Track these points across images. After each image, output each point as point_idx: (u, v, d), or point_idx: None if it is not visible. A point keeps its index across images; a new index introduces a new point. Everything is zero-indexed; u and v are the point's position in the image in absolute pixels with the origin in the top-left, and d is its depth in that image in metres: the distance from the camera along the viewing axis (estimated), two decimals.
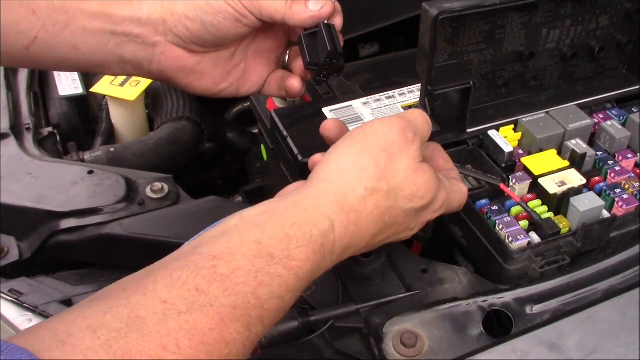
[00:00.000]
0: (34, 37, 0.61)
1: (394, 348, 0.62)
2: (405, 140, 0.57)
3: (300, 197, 0.53)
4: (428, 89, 0.75)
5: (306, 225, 0.51)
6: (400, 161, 0.57)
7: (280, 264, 0.49)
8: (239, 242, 0.49)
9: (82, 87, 1.16)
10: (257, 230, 0.50)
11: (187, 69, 0.67)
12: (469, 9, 0.71)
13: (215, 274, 0.47)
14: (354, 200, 0.54)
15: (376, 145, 0.56)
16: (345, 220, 0.54)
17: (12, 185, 0.87)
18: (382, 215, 0.56)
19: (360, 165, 0.55)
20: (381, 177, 0.56)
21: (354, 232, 0.55)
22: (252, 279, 0.47)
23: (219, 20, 0.63)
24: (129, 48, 0.65)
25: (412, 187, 0.57)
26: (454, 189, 0.64)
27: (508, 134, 0.80)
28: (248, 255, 0.48)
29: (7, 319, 0.73)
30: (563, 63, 0.87)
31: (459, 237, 0.77)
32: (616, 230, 0.73)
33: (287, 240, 0.50)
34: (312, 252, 0.51)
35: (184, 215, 0.86)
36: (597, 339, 0.61)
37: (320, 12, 0.64)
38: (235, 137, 1.25)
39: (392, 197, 0.56)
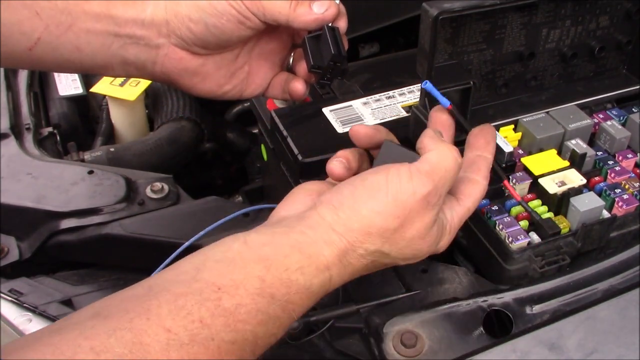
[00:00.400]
0: (37, 39, 0.61)
1: (394, 348, 0.62)
2: (427, 207, 0.56)
3: (305, 240, 0.53)
4: None
5: (309, 273, 0.52)
6: (412, 229, 0.56)
7: (279, 306, 0.50)
8: (243, 275, 0.50)
9: (82, 87, 1.16)
10: (261, 265, 0.51)
11: (191, 70, 0.67)
12: (469, 9, 0.71)
13: (219, 307, 0.47)
14: (352, 257, 0.55)
15: (392, 212, 0.54)
16: (342, 272, 0.55)
17: (12, 185, 0.87)
18: (377, 267, 0.58)
19: (369, 229, 0.54)
20: (385, 242, 0.55)
21: (346, 280, 0.57)
22: (253, 317, 0.49)
23: (222, 23, 0.63)
24: (132, 50, 0.64)
25: (414, 251, 0.57)
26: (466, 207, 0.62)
27: (508, 134, 0.80)
28: (252, 292, 0.49)
29: (7, 319, 0.73)
30: (563, 63, 0.87)
31: (459, 237, 0.77)
32: (616, 230, 0.73)
33: (289, 284, 0.51)
34: (307, 298, 0.53)
35: (184, 215, 0.86)
36: (597, 339, 0.61)
37: (324, 15, 0.64)
38: (235, 137, 1.25)
39: (391, 257, 0.57)
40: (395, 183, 0.55)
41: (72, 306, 0.76)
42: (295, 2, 0.64)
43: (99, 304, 0.48)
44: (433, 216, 0.57)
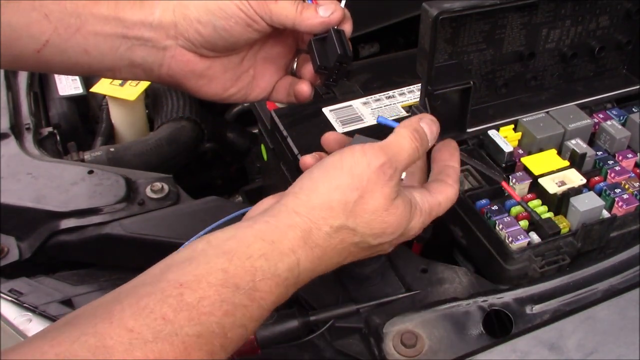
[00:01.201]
0: (45, 41, 0.61)
1: (394, 348, 0.62)
2: (383, 177, 0.56)
3: (268, 228, 0.54)
4: (428, 89, 0.75)
5: (272, 258, 0.52)
6: (373, 200, 0.56)
7: (245, 295, 0.50)
8: (206, 270, 0.50)
9: (82, 87, 1.16)
10: (224, 258, 0.51)
11: (197, 73, 0.67)
12: (469, 9, 0.71)
13: (182, 302, 0.48)
14: (318, 237, 0.55)
15: (349, 184, 0.56)
16: (310, 255, 0.54)
17: (12, 185, 0.87)
18: (348, 248, 0.57)
19: (329, 204, 0.55)
20: (349, 215, 0.55)
21: (318, 264, 0.56)
22: (218, 308, 0.48)
23: (230, 25, 0.63)
24: (140, 52, 0.65)
25: (381, 225, 0.57)
26: (437, 200, 0.63)
27: (508, 134, 0.80)
28: (214, 284, 0.49)
29: (7, 319, 0.73)
30: (563, 63, 0.87)
31: (459, 237, 0.77)
32: (616, 230, 0.73)
33: (253, 272, 0.51)
34: (276, 285, 0.52)
35: (184, 215, 0.86)
36: (597, 339, 0.61)
37: (330, 18, 0.65)
38: (235, 137, 1.25)
39: (359, 234, 0.56)
40: (349, 159, 0.57)
41: (72, 306, 0.76)
42: (302, 5, 0.64)
43: (71, 314, 0.49)
44: (392, 187, 0.57)
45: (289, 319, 0.65)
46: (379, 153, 0.57)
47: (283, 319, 0.65)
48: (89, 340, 0.44)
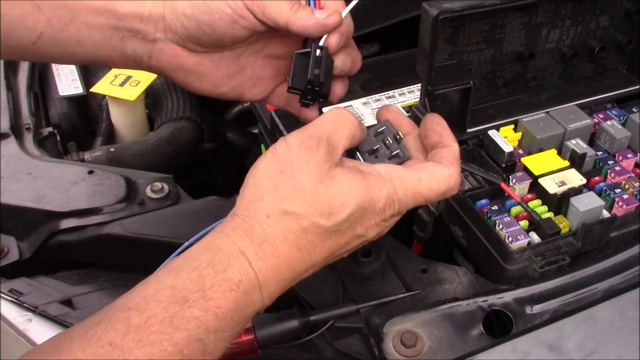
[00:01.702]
0: (40, 33, 0.61)
1: (394, 348, 0.62)
2: (306, 151, 0.53)
3: (214, 237, 0.53)
4: (428, 89, 0.75)
5: (219, 264, 0.50)
6: (301, 175, 0.53)
7: (195, 306, 0.48)
8: (154, 289, 0.49)
9: (82, 87, 1.16)
10: (171, 275, 0.50)
11: (186, 68, 0.66)
12: (469, 9, 0.71)
13: (129, 325, 0.46)
14: (261, 231, 0.52)
15: (273, 168, 0.54)
16: (259, 252, 0.52)
17: (12, 185, 0.87)
18: (301, 238, 0.53)
19: (260, 193, 0.53)
20: (282, 199, 0.52)
21: (277, 262, 0.52)
22: (167, 325, 0.47)
23: (213, 21, 0.61)
24: (130, 43, 0.64)
25: (323, 199, 0.53)
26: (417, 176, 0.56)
27: (508, 134, 0.81)
28: (162, 302, 0.48)
29: (7, 319, 0.73)
30: (563, 63, 0.87)
31: (459, 237, 0.77)
32: (616, 230, 0.73)
33: (201, 281, 0.49)
34: (229, 290, 0.50)
35: (184, 215, 0.86)
36: (597, 339, 0.61)
37: (325, 21, 0.59)
38: (235, 137, 1.25)
39: (304, 217, 0.52)
40: (272, 148, 0.55)
41: (72, 306, 0.76)
42: (298, 4, 0.60)
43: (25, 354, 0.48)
44: (320, 157, 0.53)
45: (289, 319, 0.65)
46: (297, 132, 0.55)
47: (283, 319, 0.65)
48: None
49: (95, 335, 0.46)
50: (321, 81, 0.61)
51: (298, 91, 0.62)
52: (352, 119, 0.58)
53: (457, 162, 0.59)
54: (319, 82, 0.61)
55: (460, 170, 0.60)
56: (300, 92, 0.62)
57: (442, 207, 0.78)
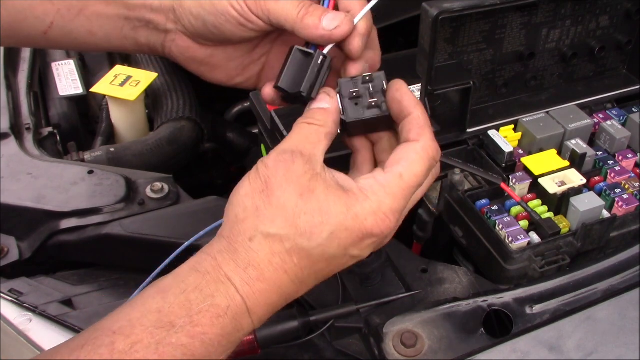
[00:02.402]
0: (50, 23, 0.61)
1: (394, 348, 0.62)
2: (282, 165, 0.51)
3: (201, 258, 0.51)
4: (428, 89, 0.75)
5: (207, 288, 0.48)
6: (282, 194, 0.51)
7: (182, 332, 0.46)
8: (140, 313, 0.47)
9: (82, 87, 1.15)
10: (159, 297, 0.48)
11: (198, 60, 0.64)
12: (469, 9, 0.71)
13: (113, 351, 0.45)
14: (245, 255, 0.50)
15: (255, 187, 0.52)
16: (245, 277, 0.49)
17: (12, 185, 0.87)
18: (287, 261, 0.50)
19: (243, 215, 0.51)
20: (263, 221, 0.50)
21: (264, 287, 0.50)
22: (153, 352, 0.45)
23: (220, 23, 0.59)
24: (143, 32, 0.63)
25: (303, 216, 0.50)
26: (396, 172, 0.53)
27: (508, 134, 0.81)
28: (148, 327, 0.46)
29: (7, 319, 0.73)
30: (563, 63, 0.87)
31: (459, 237, 0.77)
32: (616, 230, 0.73)
33: (188, 306, 0.47)
34: (217, 316, 0.48)
35: (184, 215, 0.86)
36: (597, 339, 0.61)
37: (332, 33, 0.56)
38: (235, 137, 1.25)
39: (286, 239, 0.50)
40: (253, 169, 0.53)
41: (72, 306, 0.76)
42: (306, 10, 0.56)
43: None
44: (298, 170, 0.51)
45: (289, 319, 0.65)
46: (270, 152, 0.53)
47: (283, 319, 0.65)
48: None
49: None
50: (312, 96, 0.57)
51: (283, 93, 0.59)
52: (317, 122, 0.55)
53: (425, 129, 0.54)
54: (308, 98, 0.57)
55: (434, 134, 0.55)
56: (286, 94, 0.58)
57: (442, 207, 0.78)
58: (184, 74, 1.17)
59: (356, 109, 0.56)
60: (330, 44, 0.57)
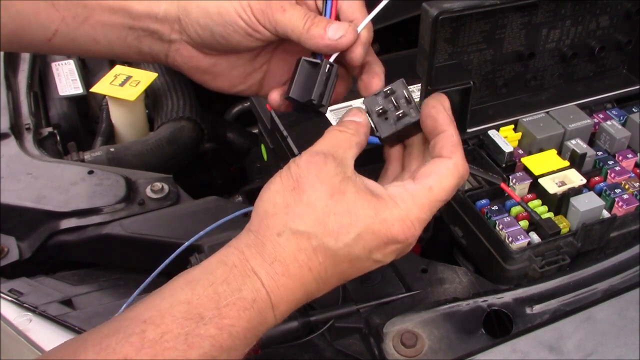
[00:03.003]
0: (54, 30, 0.61)
1: (394, 348, 0.62)
2: (314, 166, 0.53)
3: (229, 251, 0.52)
4: (428, 89, 0.75)
5: (234, 281, 0.50)
6: (313, 193, 0.52)
7: (210, 324, 0.48)
8: (170, 303, 0.48)
9: (82, 87, 1.15)
10: (187, 289, 0.49)
11: (201, 69, 0.65)
12: (469, 9, 0.71)
13: (144, 340, 0.46)
14: (272, 250, 0.51)
15: (287, 185, 0.53)
16: (270, 271, 0.51)
17: (12, 185, 0.87)
18: (312, 258, 0.52)
19: (273, 210, 0.52)
20: (294, 217, 0.52)
21: (289, 283, 0.51)
22: (182, 342, 0.46)
23: (228, 33, 0.60)
24: (146, 42, 0.64)
25: (332, 216, 0.51)
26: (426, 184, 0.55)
27: (508, 134, 0.81)
28: (178, 317, 0.47)
29: (7, 319, 0.73)
30: (563, 63, 0.87)
31: (459, 237, 0.77)
32: (616, 230, 0.73)
33: (217, 298, 0.49)
34: (244, 309, 0.49)
35: (184, 215, 0.86)
36: (597, 339, 0.61)
37: (337, 42, 0.58)
38: (235, 137, 1.25)
39: (313, 236, 0.51)
40: (283, 168, 0.55)
41: (72, 306, 0.76)
42: (311, 21, 0.58)
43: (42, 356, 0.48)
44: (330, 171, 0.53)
45: (289, 319, 0.65)
46: (302, 153, 0.55)
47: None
48: None
49: (110, 347, 0.46)
50: (323, 104, 0.60)
51: (295, 102, 0.60)
52: (349, 130, 0.57)
53: (458, 147, 0.57)
54: (321, 105, 0.60)
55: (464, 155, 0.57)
56: (297, 103, 0.60)
57: (442, 207, 0.78)
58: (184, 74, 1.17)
59: (387, 123, 0.59)
60: (336, 52, 0.59)
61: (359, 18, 0.60)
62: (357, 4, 0.60)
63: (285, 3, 0.58)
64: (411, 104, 0.59)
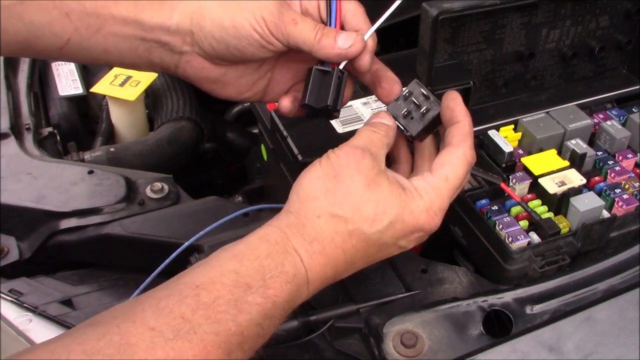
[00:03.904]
0: (67, 40, 0.62)
1: (394, 348, 0.62)
2: (354, 158, 0.59)
3: (270, 230, 0.57)
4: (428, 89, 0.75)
5: (277, 257, 0.55)
6: (351, 180, 0.58)
7: (257, 293, 0.52)
8: (219, 272, 0.53)
9: (82, 87, 1.16)
10: (235, 261, 0.54)
11: (211, 79, 0.67)
12: (469, 9, 0.71)
13: (199, 302, 0.50)
14: (312, 230, 0.57)
15: (328, 173, 0.58)
16: (309, 250, 0.56)
17: (12, 185, 0.87)
18: (347, 241, 0.57)
19: (314, 194, 0.58)
20: (333, 202, 0.57)
21: (324, 261, 0.57)
22: (233, 307, 0.51)
23: (243, 46, 0.62)
24: (157, 53, 0.65)
25: (368, 205, 0.57)
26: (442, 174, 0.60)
27: (508, 134, 0.81)
28: (228, 285, 0.52)
29: (7, 319, 0.73)
30: (563, 63, 0.87)
31: (459, 237, 0.77)
32: (616, 230, 0.73)
33: (262, 270, 0.53)
34: (286, 282, 0.54)
35: (184, 215, 0.86)
36: (597, 339, 0.61)
37: (347, 51, 0.62)
38: (235, 137, 1.25)
39: (350, 221, 0.57)
40: (322, 158, 0.60)
41: (72, 306, 0.76)
42: (322, 32, 0.62)
43: (92, 318, 0.51)
44: (367, 164, 0.58)
45: (289, 319, 0.65)
46: (341, 146, 0.60)
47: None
48: (114, 338, 0.47)
49: (167, 307, 0.49)
50: (338, 108, 0.64)
51: (310, 109, 0.64)
52: (380, 131, 0.62)
53: (468, 137, 0.62)
54: (335, 109, 0.64)
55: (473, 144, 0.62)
56: (312, 109, 0.64)
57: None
58: None
59: (414, 122, 0.64)
60: (345, 60, 0.63)
61: (364, 27, 0.63)
62: (360, 13, 0.64)
63: (296, 15, 0.62)
64: (430, 99, 0.63)
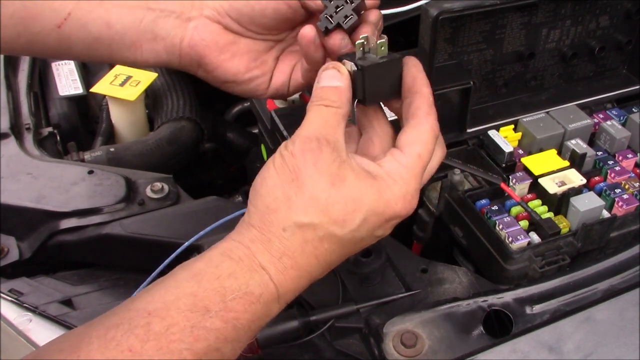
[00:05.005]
0: (67, 14, 0.60)
1: (394, 348, 0.62)
2: (310, 154, 0.52)
3: (233, 245, 0.52)
4: None
5: (242, 276, 0.50)
6: (312, 181, 0.51)
7: (216, 317, 0.48)
8: (175, 296, 0.48)
9: (82, 87, 1.15)
10: (193, 282, 0.49)
11: (220, 45, 0.64)
12: (469, 9, 0.71)
13: (149, 332, 0.46)
14: (279, 245, 0.51)
15: (285, 178, 0.52)
16: (279, 266, 0.51)
17: (12, 185, 0.87)
18: (318, 247, 0.52)
19: (275, 205, 0.52)
20: (297, 211, 0.51)
21: (296, 274, 0.52)
22: (188, 334, 0.47)
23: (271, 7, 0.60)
24: (163, 24, 0.63)
25: (336, 205, 0.51)
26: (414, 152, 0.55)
27: (508, 134, 0.81)
28: (184, 310, 0.47)
29: (7, 319, 0.73)
30: (563, 63, 0.87)
31: (459, 237, 0.77)
32: (616, 230, 0.73)
33: (223, 292, 0.49)
34: (250, 303, 0.49)
35: (184, 215, 0.86)
36: (597, 339, 0.61)
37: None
38: (235, 137, 1.25)
39: (319, 227, 0.51)
40: (275, 156, 0.54)
41: (72, 306, 0.76)
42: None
43: (40, 348, 0.48)
44: (327, 158, 0.52)
45: (289, 319, 0.65)
46: (293, 138, 0.53)
47: (283, 319, 0.65)
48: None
49: (115, 339, 0.46)
50: None
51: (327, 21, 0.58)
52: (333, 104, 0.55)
53: (433, 108, 0.57)
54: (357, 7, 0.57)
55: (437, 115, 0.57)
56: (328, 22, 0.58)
57: (442, 207, 0.78)
58: (184, 74, 1.17)
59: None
60: None
61: None
62: None
63: None
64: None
